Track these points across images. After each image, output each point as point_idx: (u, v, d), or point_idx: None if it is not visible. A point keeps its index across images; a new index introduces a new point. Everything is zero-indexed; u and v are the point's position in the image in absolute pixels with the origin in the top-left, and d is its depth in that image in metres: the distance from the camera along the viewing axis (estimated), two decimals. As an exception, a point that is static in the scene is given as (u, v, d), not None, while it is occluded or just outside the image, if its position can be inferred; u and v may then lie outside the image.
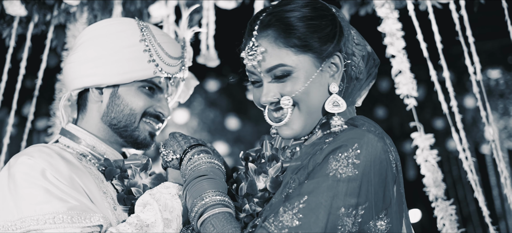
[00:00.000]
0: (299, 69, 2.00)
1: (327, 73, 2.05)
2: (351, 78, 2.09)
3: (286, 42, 2.00)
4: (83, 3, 3.44)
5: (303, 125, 2.05)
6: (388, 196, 1.93)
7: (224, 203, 1.99)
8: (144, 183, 2.33)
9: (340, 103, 2.03)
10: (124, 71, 2.38)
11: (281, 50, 2.00)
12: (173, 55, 2.47)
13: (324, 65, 2.03)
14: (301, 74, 2.01)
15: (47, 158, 2.18)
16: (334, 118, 2.01)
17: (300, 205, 1.84)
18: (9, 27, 3.55)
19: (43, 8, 3.47)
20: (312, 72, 2.01)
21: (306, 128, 2.06)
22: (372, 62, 2.12)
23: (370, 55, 2.12)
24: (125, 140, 2.45)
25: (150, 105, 2.44)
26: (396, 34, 3.05)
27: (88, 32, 2.48)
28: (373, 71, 2.13)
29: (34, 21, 3.53)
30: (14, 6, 3.34)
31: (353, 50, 2.07)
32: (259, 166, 2.11)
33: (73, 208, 2.08)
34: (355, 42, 2.09)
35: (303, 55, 2.01)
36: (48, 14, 3.51)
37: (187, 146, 2.23)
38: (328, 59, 2.04)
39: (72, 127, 2.44)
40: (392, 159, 1.94)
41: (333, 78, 2.05)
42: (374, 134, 1.92)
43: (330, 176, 1.86)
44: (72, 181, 2.15)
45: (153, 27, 2.49)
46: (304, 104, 2.03)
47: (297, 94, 2.01)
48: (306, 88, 2.01)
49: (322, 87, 2.04)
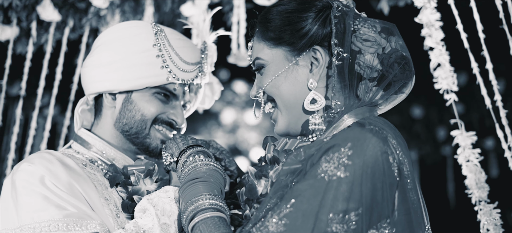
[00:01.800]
0: (271, 62, 1.99)
1: (306, 68, 1.96)
2: (356, 76, 1.92)
3: (264, 36, 2.01)
4: (115, 4, 3.40)
5: (285, 122, 2.00)
6: (387, 203, 1.75)
7: (216, 207, 1.88)
8: (149, 189, 2.24)
9: (318, 100, 1.93)
10: (137, 77, 2.31)
11: (259, 44, 2.02)
12: (188, 60, 2.39)
13: (300, 59, 1.95)
14: (271, 68, 1.99)
15: (47, 164, 2.13)
16: (311, 116, 1.93)
17: (287, 209, 1.71)
18: (46, 33, 3.56)
19: (78, 12, 3.46)
20: (283, 66, 1.97)
21: (291, 126, 2.00)
22: (391, 60, 1.94)
23: (388, 53, 1.93)
24: (138, 147, 2.38)
25: (163, 112, 2.36)
26: (434, 24, 2.84)
27: (104, 36, 2.43)
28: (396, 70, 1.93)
29: (70, 26, 3.53)
30: (47, 11, 3.34)
31: (359, 46, 1.92)
32: (259, 169, 2.00)
33: (69, 216, 2.03)
34: (363, 38, 1.92)
35: (277, 48, 1.99)
36: (83, 18, 3.50)
37: (184, 147, 2.15)
38: (306, 53, 1.96)
39: (84, 133, 2.40)
40: (392, 162, 1.77)
41: (312, 74, 1.95)
42: (373, 133, 1.76)
43: (318, 178, 1.72)
44: (71, 188, 2.10)
45: (170, 31, 2.41)
46: (278, 100, 1.99)
47: (266, 88, 2.00)
48: (274, 82, 1.98)
49: (299, 83, 1.97)
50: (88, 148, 2.36)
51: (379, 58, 1.92)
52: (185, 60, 2.37)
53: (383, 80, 1.92)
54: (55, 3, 3.36)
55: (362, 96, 1.93)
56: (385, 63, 1.92)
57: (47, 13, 3.36)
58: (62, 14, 3.45)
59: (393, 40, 1.96)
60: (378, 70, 1.91)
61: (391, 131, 1.84)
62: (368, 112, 1.93)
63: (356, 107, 1.92)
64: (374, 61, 1.92)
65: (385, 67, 1.92)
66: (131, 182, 2.25)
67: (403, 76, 1.96)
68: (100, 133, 2.40)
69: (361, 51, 1.91)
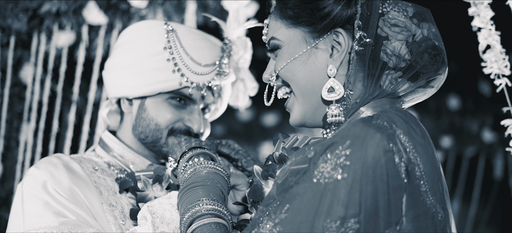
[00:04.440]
0: (287, 43, 1.80)
1: (326, 52, 1.75)
2: (380, 64, 1.71)
3: (281, 14, 1.82)
4: (157, 3, 3.34)
5: (301, 111, 1.80)
6: (395, 208, 1.53)
7: (214, 213, 1.75)
8: (158, 196, 2.12)
9: (337, 88, 1.71)
10: (148, 82, 2.22)
11: (276, 22, 1.83)
12: (203, 62, 2.26)
13: (321, 42, 1.74)
14: (288, 50, 1.80)
15: (51, 169, 2.09)
16: (330, 107, 1.71)
17: (282, 214, 1.53)
18: (97, 37, 3.57)
19: (124, 14, 3.43)
20: (300, 49, 1.77)
21: (307, 116, 1.80)
22: (421, 49, 1.72)
23: (418, 42, 1.72)
24: (157, 155, 2.30)
25: (179, 119, 2.25)
26: (483, 1, 2.54)
27: (121, 37, 2.36)
28: (426, 61, 1.72)
29: (118, 28, 3.51)
30: (93, 14, 3.34)
31: (386, 32, 1.70)
32: (265, 168, 1.83)
33: (65, 223, 1.97)
34: (391, 23, 1.71)
35: (295, 29, 1.79)
36: (132, 19, 3.47)
37: (186, 148, 2.02)
38: (327, 36, 1.74)
39: (106, 136, 2.34)
40: (399, 162, 1.54)
41: (333, 60, 1.74)
42: (378, 129, 1.54)
43: (314, 181, 1.52)
44: (73, 194, 2.05)
45: (184, 30, 2.29)
46: (294, 86, 1.80)
47: (280, 72, 1.81)
48: (289, 65, 1.78)
49: (317, 69, 1.76)
50: (107, 151, 2.31)
51: (408, 47, 1.70)
52: (198, 61, 2.25)
53: (410, 70, 1.71)
54: (100, 4, 3.35)
55: (385, 88, 1.72)
56: (414, 52, 1.71)
57: (93, 16, 3.36)
58: (109, 17, 3.43)
59: (426, 27, 1.74)
60: (406, 60, 1.70)
61: (404, 126, 1.61)
62: (388, 105, 1.73)
63: (375, 99, 1.72)
64: (403, 49, 1.70)
65: (413, 57, 1.71)
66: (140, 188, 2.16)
67: (433, 68, 1.74)
68: (122, 137, 2.34)
69: (388, 37, 1.70)
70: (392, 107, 1.72)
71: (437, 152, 5.55)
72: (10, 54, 3.59)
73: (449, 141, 6.97)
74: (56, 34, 3.58)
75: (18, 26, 3.37)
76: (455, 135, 7.00)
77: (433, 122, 7.21)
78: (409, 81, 1.72)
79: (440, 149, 7.05)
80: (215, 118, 2.49)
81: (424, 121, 7.26)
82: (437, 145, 7.10)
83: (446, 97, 6.90)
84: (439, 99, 6.95)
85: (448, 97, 6.88)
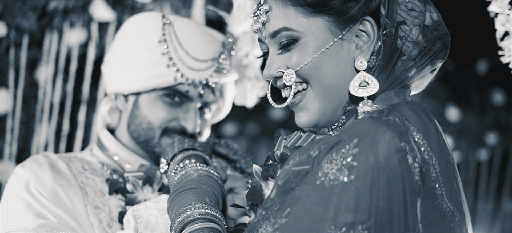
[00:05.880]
0: (308, 35, 1.55)
1: (352, 43, 1.55)
2: (397, 53, 1.54)
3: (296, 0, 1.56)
4: (162, -1, 3.24)
5: (320, 111, 1.57)
6: (411, 214, 1.37)
7: (207, 217, 1.65)
8: (149, 198, 2.02)
9: (370, 82, 1.51)
10: (142, 77, 2.11)
11: (288, 10, 1.56)
12: (200, 57, 2.13)
13: (347, 33, 1.54)
14: (311, 42, 1.54)
15: (36, 168, 2.02)
16: (361, 103, 1.50)
17: (282, 219, 1.39)
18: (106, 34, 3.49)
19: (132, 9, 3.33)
20: (327, 41, 1.54)
21: (326, 115, 1.58)
22: (435, 34, 1.56)
23: (433, 26, 1.56)
24: (151, 155, 2.19)
25: (174, 118, 2.13)
26: (500, -15, 2.34)
27: (120, 30, 2.27)
28: (438, 47, 1.57)
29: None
30: (100, 10, 3.25)
31: (403, 16, 1.53)
32: (265, 168, 1.66)
33: (44, 226, 1.90)
34: (408, 7, 1.54)
35: (316, 17, 1.54)
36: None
37: (177, 150, 1.91)
38: (354, 25, 1.54)
39: (103, 134, 2.25)
40: (413, 162, 1.38)
41: (361, 51, 1.54)
42: (388, 126, 1.38)
43: (317, 183, 1.37)
44: (55, 194, 1.98)
45: (182, 23, 2.17)
46: (316, 83, 1.56)
47: (303, 68, 1.55)
48: (316, 60, 1.54)
49: (343, 62, 1.55)
50: (103, 150, 2.22)
51: (423, 32, 1.54)
52: (195, 56, 2.12)
53: (422, 57, 1.55)
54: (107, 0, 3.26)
55: (398, 78, 1.56)
56: (428, 38, 1.55)
57: (100, 13, 3.27)
58: (117, 13, 3.33)
59: (433, 10, 1.58)
60: (422, 46, 1.54)
61: (417, 122, 1.45)
62: (397, 97, 1.56)
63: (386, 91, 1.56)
64: (419, 36, 1.53)
65: (427, 43, 1.55)
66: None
67: (442, 55, 1.59)
68: (119, 135, 2.24)
69: (406, 22, 1.53)
70: (403, 98, 1.57)
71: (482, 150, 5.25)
72: (24, 53, 3.53)
73: (495, 138, 6.74)
74: (67, 32, 3.50)
75: (27, 24, 3.30)
76: (501, 132, 6.75)
77: (477, 119, 6.94)
78: (417, 68, 1.57)
79: (485, 146, 6.79)
80: (219, 119, 2.37)
81: (467, 118, 6.99)
82: (482, 143, 6.82)
83: (490, 92, 6.63)
84: (483, 94, 6.70)
85: (493, 92, 6.62)
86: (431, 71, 1.62)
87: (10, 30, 3.43)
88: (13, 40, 3.50)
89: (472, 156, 6.94)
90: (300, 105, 1.60)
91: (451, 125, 7.13)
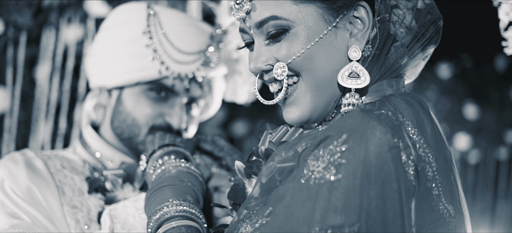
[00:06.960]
0: (300, 24, 1.43)
1: (346, 31, 1.43)
2: (391, 39, 1.43)
3: None
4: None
5: (313, 105, 1.46)
6: (406, 216, 1.27)
7: (185, 215, 1.57)
8: (129, 197, 1.94)
9: (361, 75, 1.40)
10: (125, 70, 2.04)
11: None
12: (186, 49, 2.04)
13: (341, 20, 1.43)
14: (302, 32, 1.42)
15: (11, 167, 1.96)
16: (348, 94, 1.41)
17: (264, 218, 1.30)
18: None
19: (128, 4, 3.24)
20: (320, 30, 1.42)
21: (317, 111, 1.46)
22: (428, 18, 1.45)
23: (425, 9, 1.45)
24: (135, 153, 2.11)
25: (159, 114, 2.05)
26: (505, -29, 2.23)
27: (104, 22, 2.20)
28: (431, 32, 1.47)
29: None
30: (95, 6, 3.17)
31: (396, 0, 1.42)
32: (249, 165, 1.55)
33: (17, 226, 1.85)
34: None
35: (307, 4, 1.42)
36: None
37: (157, 146, 1.84)
38: (348, 12, 1.43)
39: (86, 131, 2.17)
40: (406, 160, 1.27)
41: (356, 39, 1.43)
42: (380, 120, 1.28)
43: (302, 182, 1.27)
44: (30, 194, 1.92)
45: (168, 14, 2.09)
46: (309, 75, 1.44)
47: (295, 60, 1.43)
48: (309, 52, 1.42)
49: (337, 52, 1.43)
50: (85, 147, 2.14)
51: (415, 17, 1.43)
52: (181, 48, 2.04)
53: (415, 43, 1.45)
54: (101, -5, 3.19)
55: (391, 66, 1.45)
56: (421, 23, 1.44)
57: (95, 8, 3.20)
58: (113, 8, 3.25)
59: None
60: (415, 32, 1.43)
61: (412, 115, 1.35)
62: (390, 87, 1.46)
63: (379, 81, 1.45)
64: (412, 21, 1.43)
65: (421, 29, 1.44)
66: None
67: (435, 40, 1.49)
68: (103, 132, 2.16)
69: (398, 6, 1.42)
70: (396, 88, 1.46)
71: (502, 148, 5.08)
72: (22, 51, 3.47)
73: (515, 136, 6.56)
74: (64, 29, 3.44)
75: (22, 21, 3.24)
76: (521, 130, 6.60)
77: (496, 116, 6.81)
78: (409, 55, 1.46)
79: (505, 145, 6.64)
80: (208, 116, 2.27)
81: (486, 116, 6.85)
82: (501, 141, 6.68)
83: (509, 89, 6.48)
84: (502, 90, 6.55)
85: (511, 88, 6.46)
86: (423, 58, 1.51)
87: (8, 28, 3.37)
88: (11, 38, 3.44)
89: (491, 155, 6.83)
90: (290, 99, 1.48)
91: (469, 123, 7.00)
